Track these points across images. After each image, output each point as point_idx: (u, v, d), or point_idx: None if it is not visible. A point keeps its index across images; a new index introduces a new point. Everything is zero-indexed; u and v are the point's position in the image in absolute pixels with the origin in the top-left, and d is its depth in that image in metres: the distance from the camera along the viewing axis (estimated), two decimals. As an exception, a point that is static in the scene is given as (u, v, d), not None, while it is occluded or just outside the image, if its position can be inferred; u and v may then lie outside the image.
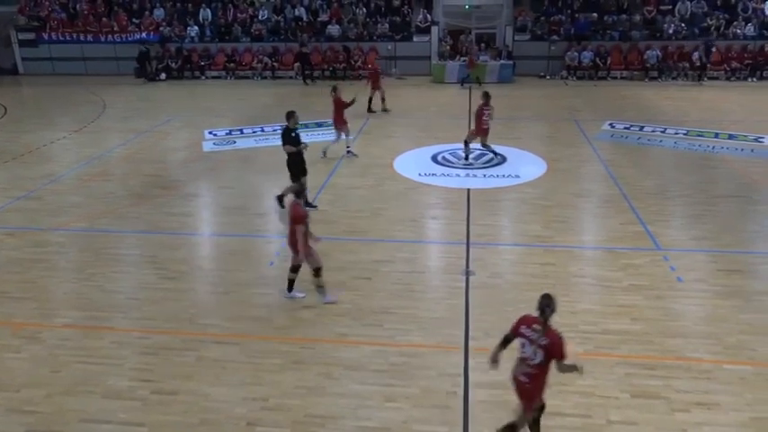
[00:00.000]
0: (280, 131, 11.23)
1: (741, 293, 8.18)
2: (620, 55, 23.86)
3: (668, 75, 23.26)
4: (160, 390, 6.54)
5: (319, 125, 16.90)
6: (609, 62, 23.64)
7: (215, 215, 11.63)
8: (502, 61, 23.51)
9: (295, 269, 8.12)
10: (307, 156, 10.97)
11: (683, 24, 23.76)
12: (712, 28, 23.62)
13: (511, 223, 10.99)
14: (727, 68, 23.10)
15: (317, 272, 8.00)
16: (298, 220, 7.76)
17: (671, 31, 23.72)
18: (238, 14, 26.28)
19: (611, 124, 16.79)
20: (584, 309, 7.85)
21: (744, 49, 23.10)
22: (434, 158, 14.08)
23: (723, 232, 10.07)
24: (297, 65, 24.47)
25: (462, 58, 23.52)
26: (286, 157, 10.89)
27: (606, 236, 10.15)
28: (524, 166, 13.48)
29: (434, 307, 8.01)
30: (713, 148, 14.65)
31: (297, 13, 25.85)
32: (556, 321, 7.66)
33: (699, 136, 15.55)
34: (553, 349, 5.00)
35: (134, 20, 26.42)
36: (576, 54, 23.73)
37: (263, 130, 16.88)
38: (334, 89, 13.91)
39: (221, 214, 11.51)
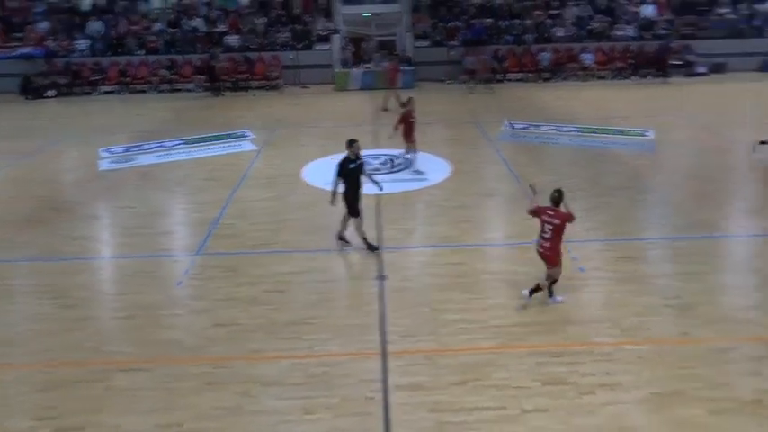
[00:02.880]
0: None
1: (635, 278, 8.73)
2: (516, 58, 24.91)
3: (559, 76, 24.50)
4: (65, 427, 6.13)
5: (229, 136, 16.57)
6: (506, 65, 24.59)
7: (115, 236, 11.08)
8: (403, 67, 23.90)
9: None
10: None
11: (573, 27, 25.14)
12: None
13: (420, 226, 11.20)
14: (613, 68, 24.63)
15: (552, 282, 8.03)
16: (571, 218, 7.85)
17: (560, 35, 25.02)
18: (131, 27, 25.25)
19: (510, 125, 17.47)
20: (494, 304, 8.10)
21: (626, 49, 24.73)
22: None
23: (617, 222, 10.72)
24: (201, 77, 23.80)
25: (366, 65, 23.77)
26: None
27: (511, 232, 10.54)
28: (430, 169, 13.76)
29: (351, 314, 8.03)
30: (604, 143, 15.56)
31: (194, 24, 25.19)
32: (467, 319, 7.85)
33: (591, 133, 16.47)
34: None
35: (15, 33, 24.78)
36: (473, 59, 24.50)
37: (162, 146, 16.29)
38: (408, 101, 13.83)
39: (122, 235, 10.97)
